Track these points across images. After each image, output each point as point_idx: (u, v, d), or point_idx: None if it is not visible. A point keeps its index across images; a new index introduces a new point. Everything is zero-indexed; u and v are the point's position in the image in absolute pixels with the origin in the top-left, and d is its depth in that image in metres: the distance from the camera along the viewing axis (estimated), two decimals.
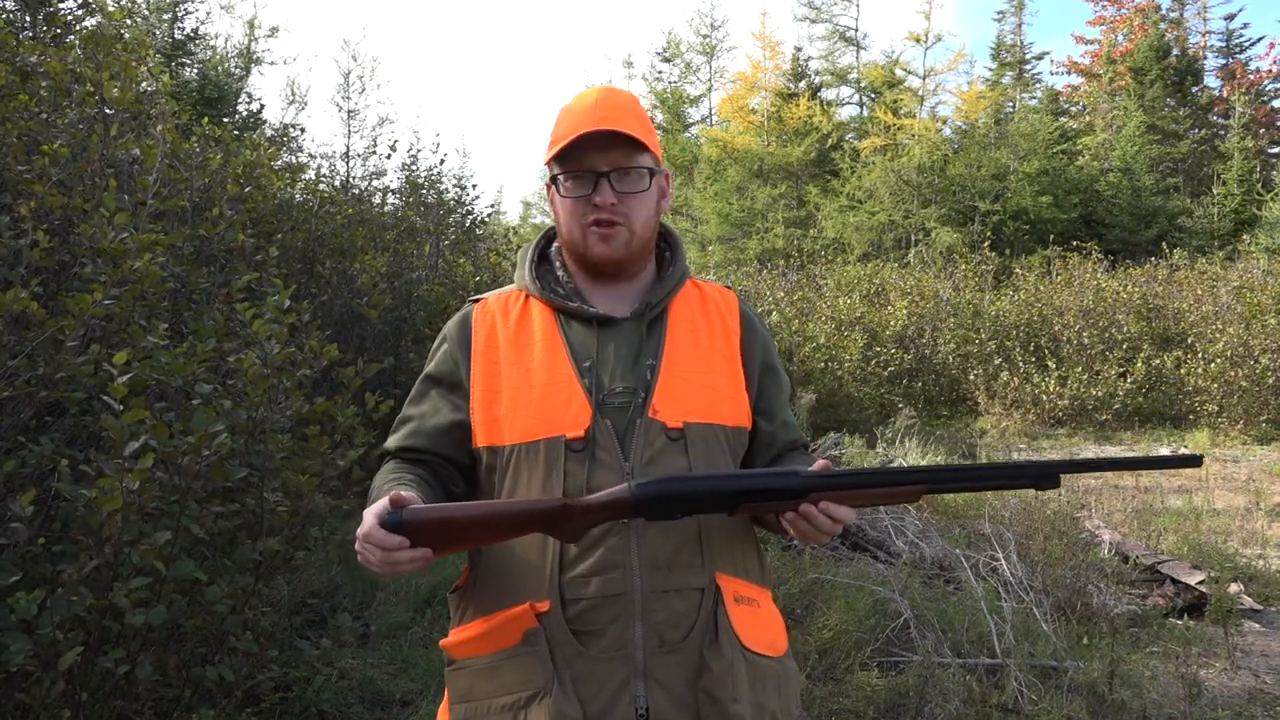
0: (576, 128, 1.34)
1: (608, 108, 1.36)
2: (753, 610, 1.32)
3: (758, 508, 1.24)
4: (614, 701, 1.21)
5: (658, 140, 1.44)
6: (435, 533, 1.16)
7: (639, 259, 1.41)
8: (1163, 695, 3.47)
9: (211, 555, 2.96)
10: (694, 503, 1.22)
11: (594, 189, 1.34)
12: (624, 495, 1.19)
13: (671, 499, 1.20)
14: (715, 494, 1.22)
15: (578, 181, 1.35)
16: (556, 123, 1.40)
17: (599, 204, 1.33)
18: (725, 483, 1.24)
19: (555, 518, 1.19)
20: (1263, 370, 10.57)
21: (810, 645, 3.69)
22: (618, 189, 1.34)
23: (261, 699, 3.04)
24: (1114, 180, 25.10)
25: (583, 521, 1.20)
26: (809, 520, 1.22)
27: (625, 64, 42.88)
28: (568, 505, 1.19)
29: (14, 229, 2.83)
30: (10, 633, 2.13)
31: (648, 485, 1.20)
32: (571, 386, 1.31)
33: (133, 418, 2.25)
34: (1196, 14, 32.79)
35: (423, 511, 1.16)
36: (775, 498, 1.23)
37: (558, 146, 1.34)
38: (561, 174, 1.37)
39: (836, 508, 1.22)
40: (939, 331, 12.62)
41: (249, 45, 16.93)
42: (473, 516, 1.21)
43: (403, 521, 1.14)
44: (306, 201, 5.94)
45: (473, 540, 1.24)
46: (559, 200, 1.38)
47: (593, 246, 1.36)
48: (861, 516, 5.44)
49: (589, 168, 1.34)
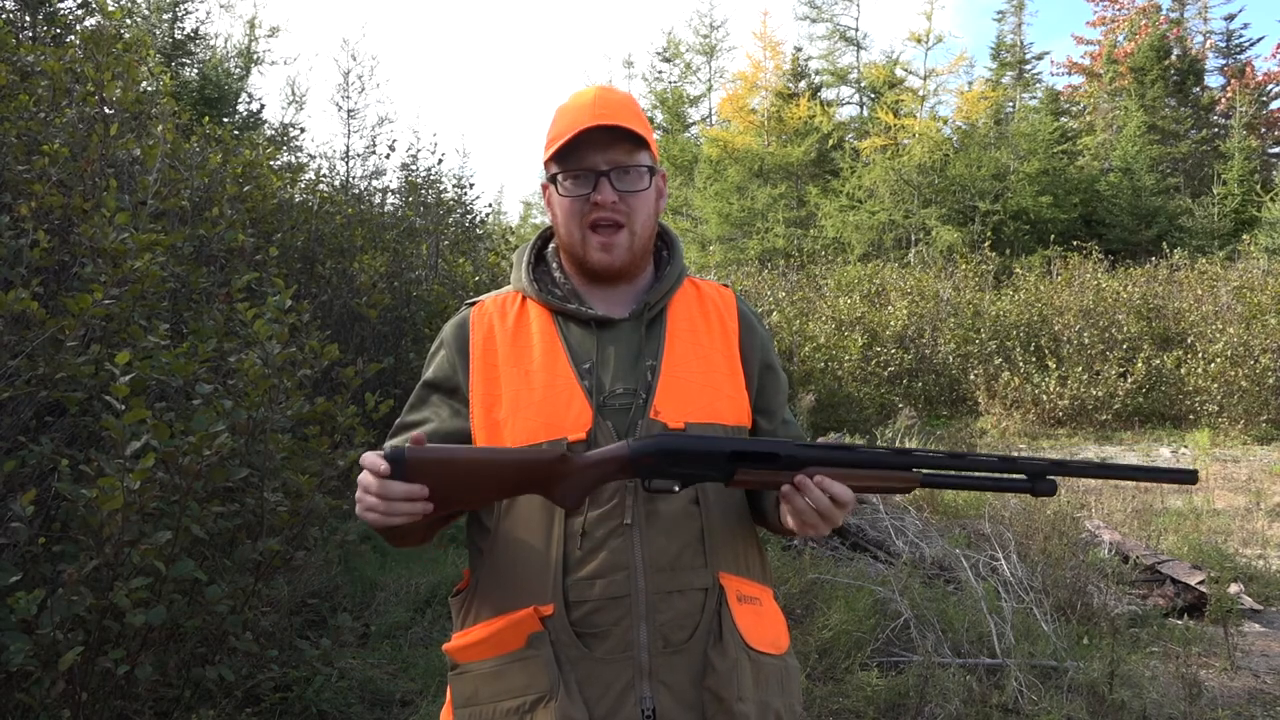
0: (575, 124, 1.32)
1: (605, 105, 1.34)
2: (755, 609, 1.32)
3: (754, 476, 1.23)
4: (619, 703, 1.21)
5: (654, 139, 1.43)
6: (436, 472, 1.15)
7: (639, 263, 1.40)
8: (1163, 695, 3.47)
9: (211, 555, 2.96)
10: (690, 461, 1.22)
11: (594, 187, 1.32)
12: (622, 452, 1.20)
13: (668, 455, 1.21)
14: (711, 454, 1.22)
15: (577, 180, 1.34)
16: (553, 122, 1.39)
17: (599, 202, 1.32)
18: (721, 444, 1.24)
19: (554, 470, 1.19)
20: (1263, 370, 10.57)
21: (810, 645, 3.69)
22: (618, 187, 1.33)
23: (261, 699, 3.04)
24: (1114, 180, 25.09)
25: (580, 478, 1.20)
26: (805, 494, 1.21)
27: (625, 64, 42.97)
28: (567, 457, 1.20)
29: (14, 229, 2.83)
30: (10, 633, 2.13)
31: (645, 441, 1.21)
32: (572, 389, 1.30)
33: (134, 417, 2.25)
34: (1197, 14, 32.80)
35: (426, 450, 1.16)
36: (770, 463, 1.22)
37: (557, 144, 1.32)
38: (560, 173, 1.35)
39: (832, 484, 1.20)
40: (939, 331, 12.62)
41: (249, 45, 16.93)
42: (475, 459, 1.21)
43: (405, 456, 1.14)
44: (306, 201, 5.94)
45: (471, 492, 1.21)
46: (557, 200, 1.37)
47: (592, 254, 1.35)
48: (861, 516, 5.44)
49: (589, 166, 1.33)
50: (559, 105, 1.41)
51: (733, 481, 1.24)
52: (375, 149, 11.44)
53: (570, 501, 1.21)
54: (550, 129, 1.38)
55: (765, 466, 1.23)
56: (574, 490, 1.21)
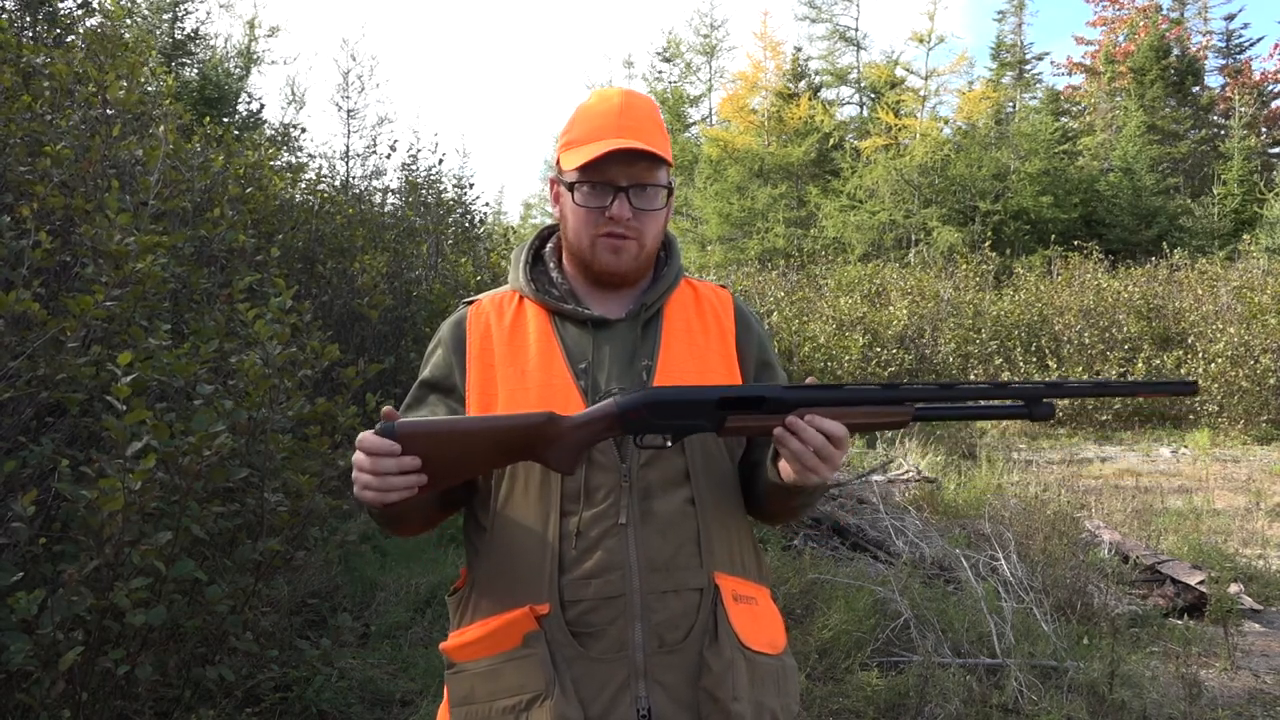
0: (600, 135, 1.32)
1: (632, 118, 1.34)
2: (751, 608, 1.32)
3: (744, 422, 1.22)
4: (615, 703, 1.21)
5: (669, 145, 1.42)
6: (426, 443, 1.17)
7: (644, 270, 1.41)
8: (1163, 695, 3.47)
9: (212, 555, 2.96)
10: (678, 412, 1.22)
11: (611, 202, 1.32)
12: (610, 408, 1.21)
13: (656, 407, 1.21)
14: (698, 402, 1.22)
15: (595, 192, 1.33)
16: (576, 122, 1.37)
17: (614, 217, 1.32)
18: (708, 392, 1.24)
19: (543, 433, 1.20)
20: (1263, 370, 10.57)
21: (810, 645, 3.70)
22: (635, 205, 1.33)
23: (261, 699, 3.05)
24: (1114, 180, 25.10)
25: (571, 438, 1.20)
26: (798, 435, 1.19)
27: (625, 64, 42.88)
28: (554, 418, 1.20)
29: (15, 229, 2.84)
30: (10, 633, 2.13)
31: (632, 395, 1.22)
32: (568, 388, 1.31)
33: (135, 418, 2.25)
34: (1197, 14, 32.81)
35: (415, 422, 1.20)
36: (760, 407, 1.22)
37: (585, 158, 1.31)
38: (581, 181, 1.34)
39: (824, 421, 1.19)
40: (939, 331, 12.63)
41: (249, 45, 16.94)
42: (462, 428, 1.22)
43: (395, 430, 1.17)
44: (307, 201, 5.95)
45: (462, 462, 1.22)
46: (570, 205, 1.36)
47: (600, 256, 1.35)
48: (861, 516, 5.45)
49: (609, 179, 1.32)
50: (582, 104, 1.40)
51: (724, 429, 1.23)
52: (375, 149, 11.45)
53: (565, 465, 1.21)
54: (571, 128, 1.37)
55: (754, 410, 1.22)
56: (567, 453, 1.21)
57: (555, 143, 1.44)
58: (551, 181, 1.42)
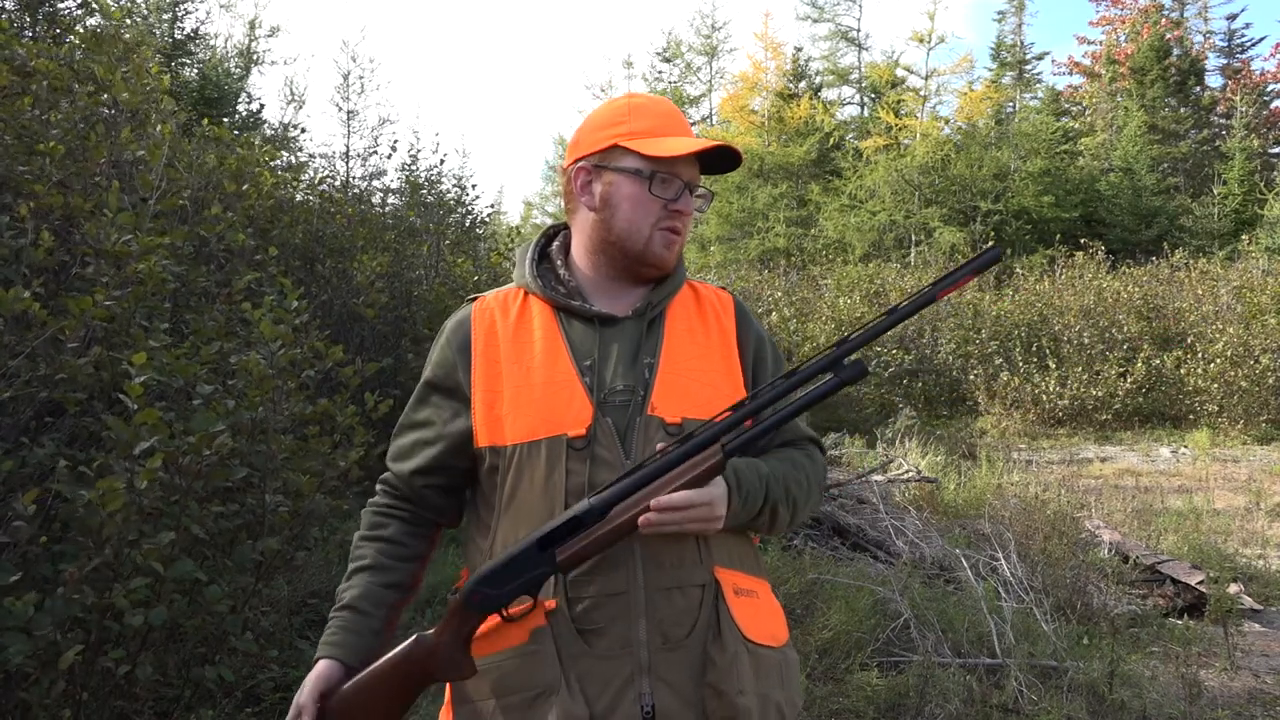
0: (672, 131, 1.37)
1: (686, 123, 1.43)
2: (752, 602, 1.33)
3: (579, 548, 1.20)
4: (619, 699, 1.21)
5: None
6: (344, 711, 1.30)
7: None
8: (1163, 695, 3.47)
9: (212, 555, 2.96)
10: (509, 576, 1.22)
11: (678, 197, 1.37)
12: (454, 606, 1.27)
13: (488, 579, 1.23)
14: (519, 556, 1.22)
15: (667, 184, 1.37)
16: (637, 113, 1.38)
17: (682, 210, 1.37)
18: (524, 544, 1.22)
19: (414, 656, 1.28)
20: (1263, 370, 10.57)
21: (810, 645, 3.69)
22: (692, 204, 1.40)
23: (261, 699, 3.05)
24: (1115, 180, 25.09)
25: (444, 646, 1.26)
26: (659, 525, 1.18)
27: (625, 64, 42.79)
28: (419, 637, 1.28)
29: (14, 229, 2.83)
30: (10, 633, 2.13)
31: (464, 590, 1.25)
32: (573, 385, 1.31)
33: (145, 418, 2.25)
34: (1198, 14, 32.80)
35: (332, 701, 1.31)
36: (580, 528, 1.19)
37: (675, 150, 1.33)
38: (657, 172, 1.36)
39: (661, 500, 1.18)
40: (939, 331, 12.63)
41: (249, 45, 16.94)
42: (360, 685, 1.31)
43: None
44: (307, 201, 5.94)
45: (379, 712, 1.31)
46: (630, 194, 1.36)
47: (657, 247, 1.37)
48: (861, 516, 5.44)
49: (680, 175, 1.37)
50: (632, 101, 1.41)
51: (562, 565, 1.21)
52: (376, 149, 11.44)
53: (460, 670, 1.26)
54: (629, 119, 1.38)
55: (577, 534, 1.20)
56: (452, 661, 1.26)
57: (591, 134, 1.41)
58: (585, 170, 1.40)
